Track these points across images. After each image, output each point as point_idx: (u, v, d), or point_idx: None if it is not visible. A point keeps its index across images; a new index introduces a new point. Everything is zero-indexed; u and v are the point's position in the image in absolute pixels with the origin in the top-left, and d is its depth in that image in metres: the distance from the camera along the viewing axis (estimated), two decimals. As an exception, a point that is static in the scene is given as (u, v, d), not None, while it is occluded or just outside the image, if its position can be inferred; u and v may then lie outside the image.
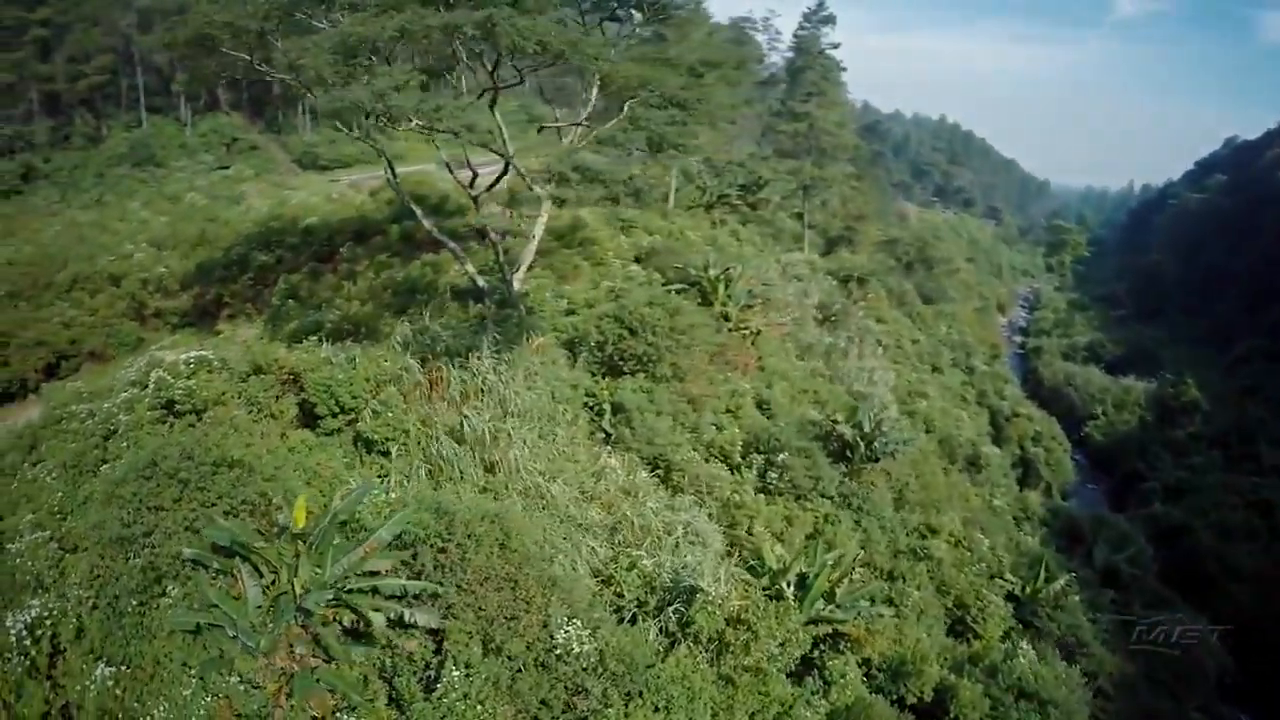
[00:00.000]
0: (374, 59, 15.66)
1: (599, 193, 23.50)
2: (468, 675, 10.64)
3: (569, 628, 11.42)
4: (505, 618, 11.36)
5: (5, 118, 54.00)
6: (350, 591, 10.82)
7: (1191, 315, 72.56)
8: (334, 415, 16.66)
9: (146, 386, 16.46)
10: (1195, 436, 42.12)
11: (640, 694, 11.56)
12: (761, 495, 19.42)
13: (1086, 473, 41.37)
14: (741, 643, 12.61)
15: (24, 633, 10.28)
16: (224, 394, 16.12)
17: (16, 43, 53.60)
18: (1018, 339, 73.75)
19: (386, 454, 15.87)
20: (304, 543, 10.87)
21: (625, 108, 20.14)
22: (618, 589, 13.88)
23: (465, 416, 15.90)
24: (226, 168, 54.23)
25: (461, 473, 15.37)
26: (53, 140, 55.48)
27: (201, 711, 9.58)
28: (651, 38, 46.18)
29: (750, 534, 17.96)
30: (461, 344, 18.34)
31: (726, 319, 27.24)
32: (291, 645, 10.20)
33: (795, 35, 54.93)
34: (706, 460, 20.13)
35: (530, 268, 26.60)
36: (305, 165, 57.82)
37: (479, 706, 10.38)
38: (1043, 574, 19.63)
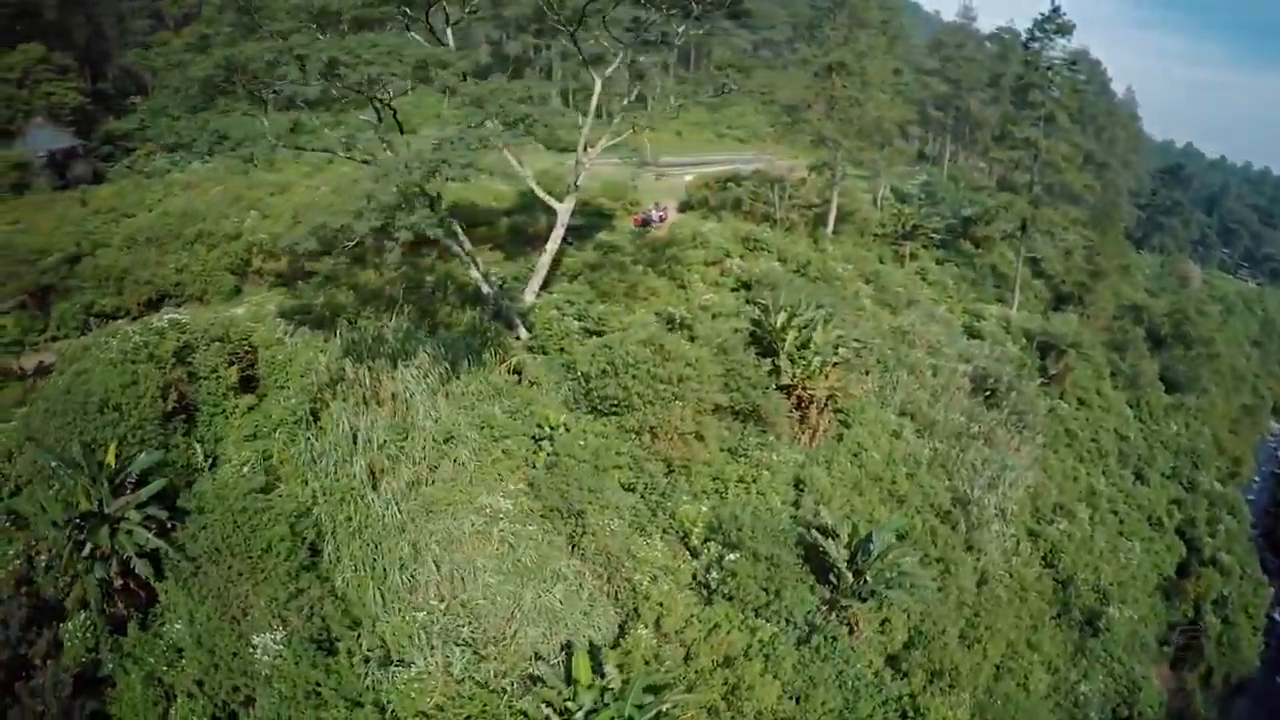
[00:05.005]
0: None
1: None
2: (185, 633, 13.01)
3: (268, 637, 12.76)
4: (228, 601, 13.43)
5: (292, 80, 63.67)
6: (115, 530, 13.92)
7: None
8: (274, 389, 17.40)
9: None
10: None
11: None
12: (693, 592, 16.09)
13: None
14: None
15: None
16: (169, 354, 17.06)
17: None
18: (1284, 455, 56.59)
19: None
20: (98, 483, 14.09)
21: None
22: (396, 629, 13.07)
23: (336, 421, 15.10)
24: (461, 139, 58.06)
25: (328, 471, 14.73)
26: (325, 100, 63.98)
27: (9, 567, 13.69)
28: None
29: (655, 630, 15.00)
30: (408, 349, 17.45)
31: (783, 374, 23.24)
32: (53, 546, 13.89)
33: (1024, 46, 45.45)
34: (660, 535, 17.22)
35: (574, 279, 25.00)
36: (549, 145, 57.84)
37: (180, 659, 12.99)
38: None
